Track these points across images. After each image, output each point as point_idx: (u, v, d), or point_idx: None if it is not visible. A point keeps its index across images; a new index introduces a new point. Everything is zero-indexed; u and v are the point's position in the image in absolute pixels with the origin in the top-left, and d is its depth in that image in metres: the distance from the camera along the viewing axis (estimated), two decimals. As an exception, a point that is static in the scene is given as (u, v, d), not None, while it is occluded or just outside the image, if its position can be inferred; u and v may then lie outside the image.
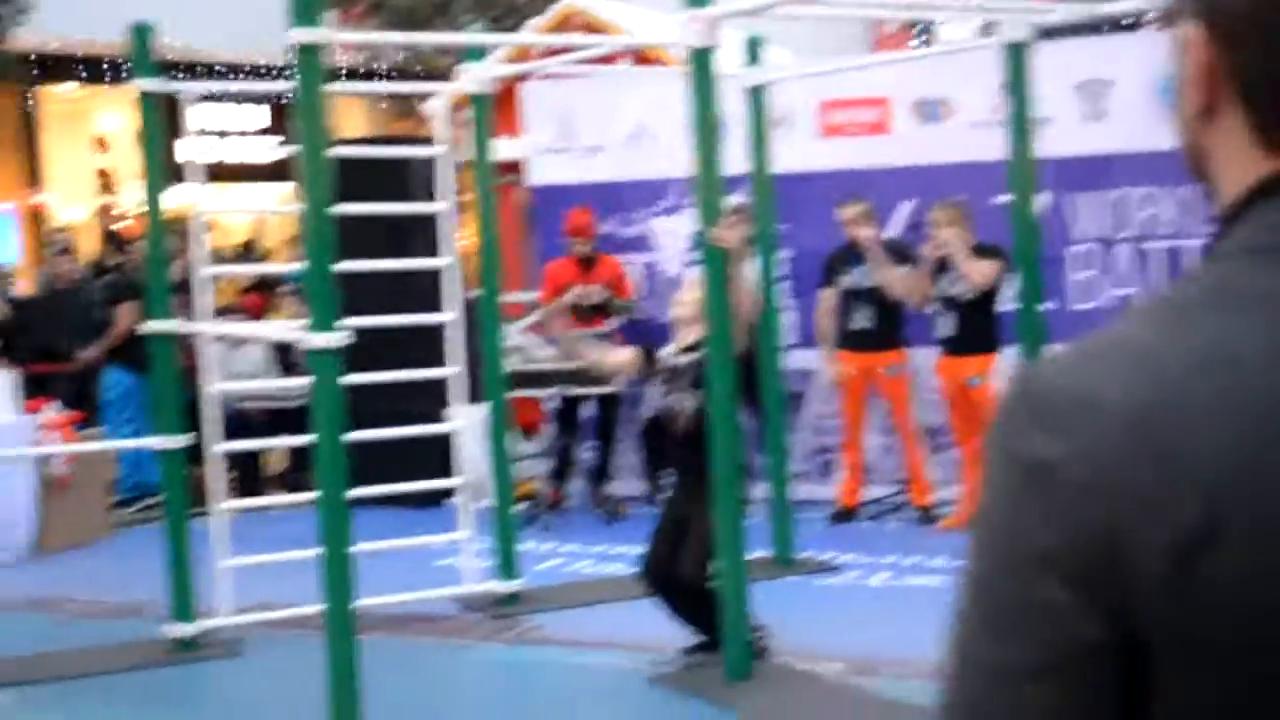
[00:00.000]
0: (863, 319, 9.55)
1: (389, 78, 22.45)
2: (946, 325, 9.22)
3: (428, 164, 9.88)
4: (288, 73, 19.25)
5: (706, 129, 6.32)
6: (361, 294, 9.11)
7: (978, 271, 8.94)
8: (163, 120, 7.08)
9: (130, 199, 21.74)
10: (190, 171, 7.36)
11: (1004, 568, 1.06)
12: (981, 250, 8.90)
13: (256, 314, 12.63)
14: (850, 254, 9.57)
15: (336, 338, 5.48)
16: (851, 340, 9.60)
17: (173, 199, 7.77)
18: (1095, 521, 1.03)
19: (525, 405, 10.42)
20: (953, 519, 9.38)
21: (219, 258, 16.47)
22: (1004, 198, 7.53)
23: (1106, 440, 1.03)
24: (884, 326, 9.54)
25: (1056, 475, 1.04)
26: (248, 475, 11.48)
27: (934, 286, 9.22)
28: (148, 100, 6.98)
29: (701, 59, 6.22)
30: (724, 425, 6.35)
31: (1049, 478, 1.04)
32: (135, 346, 11.14)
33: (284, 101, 21.22)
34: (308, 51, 5.42)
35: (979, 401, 9.07)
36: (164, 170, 7.18)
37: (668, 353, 6.92)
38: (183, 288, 11.97)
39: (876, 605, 7.81)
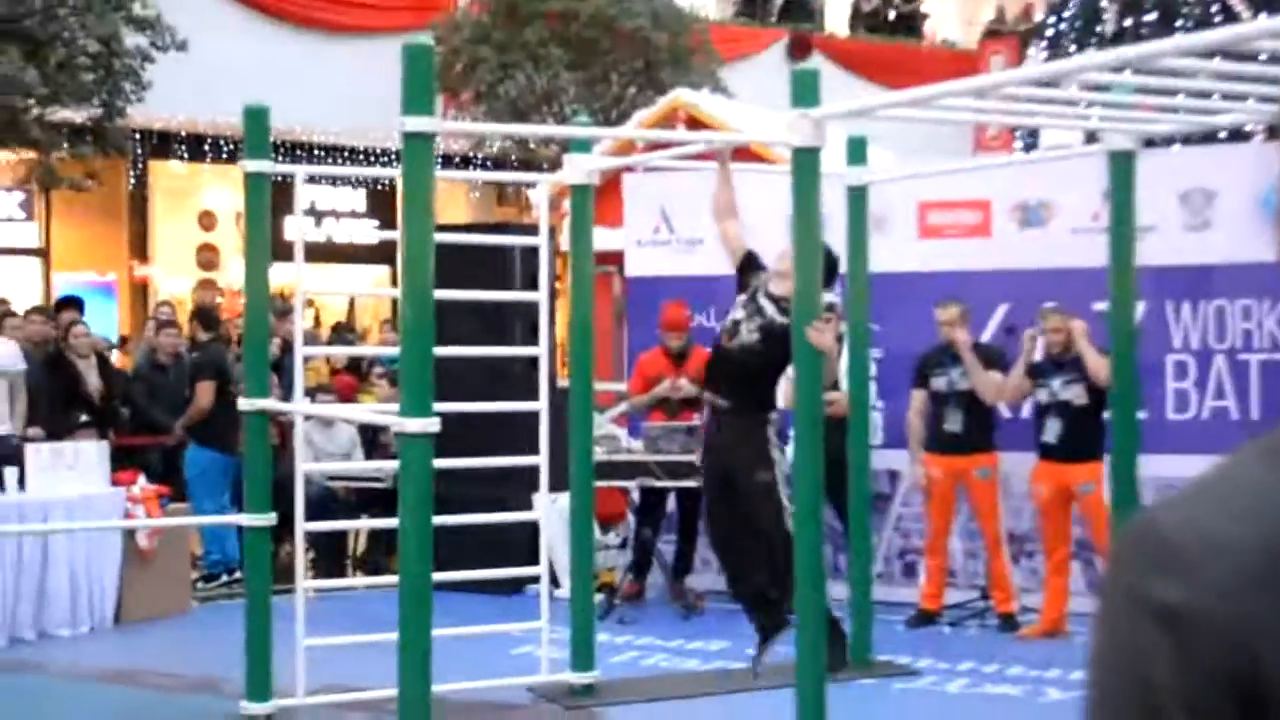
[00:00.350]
0: (954, 422, 9.47)
1: (491, 165, 22.66)
2: (1053, 430, 9.13)
3: (526, 252, 9.99)
4: (388, 157, 19.44)
5: (807, 226, 6.32)
6: (454, 378, 9.19)
7: (1104, 367, 8.91)
8: (268, 199, 7.17)
9: (232, 275, 22.09)
10: (295, 250, 7.45)
11: (1130, 715, 1.03)
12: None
13: (348, 395, 12.73)
14: (943, 355, 9.51)
15: (429, 423, 5.49)
16: (941, 443, 9.52)
17: (273, 277, 7.87)
18: (1233, 663, 0.99)
19: (609, 495, 10.40)
20: (1034, 628, 9.24)
21: (314, 338, 16.69)
22: (1102, 304, 7.47)
23: (1239, 580, 1.00)
24: (975, 429, 9.46)
25: (1184, 619, 1.01)
26: (331, 555, 11.53)
27: (1036, 390, 9.16)
28: (255, 180, 7.08)
29: (806, 158, 6.24)
30: (809, 524, 6.30)
31: (1177, 622, 1.02)
32: (216, 424, 11.28)
33: (384, 186, 21.56)
34: (417, 139, 5.48)
35: (1090, 508, 9.03)
36: (269, 248, 7.26)
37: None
38: (277, 366, 12.16)
39: (954, 712, 7.69)
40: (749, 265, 7.74)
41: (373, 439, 12.11)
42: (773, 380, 7.62)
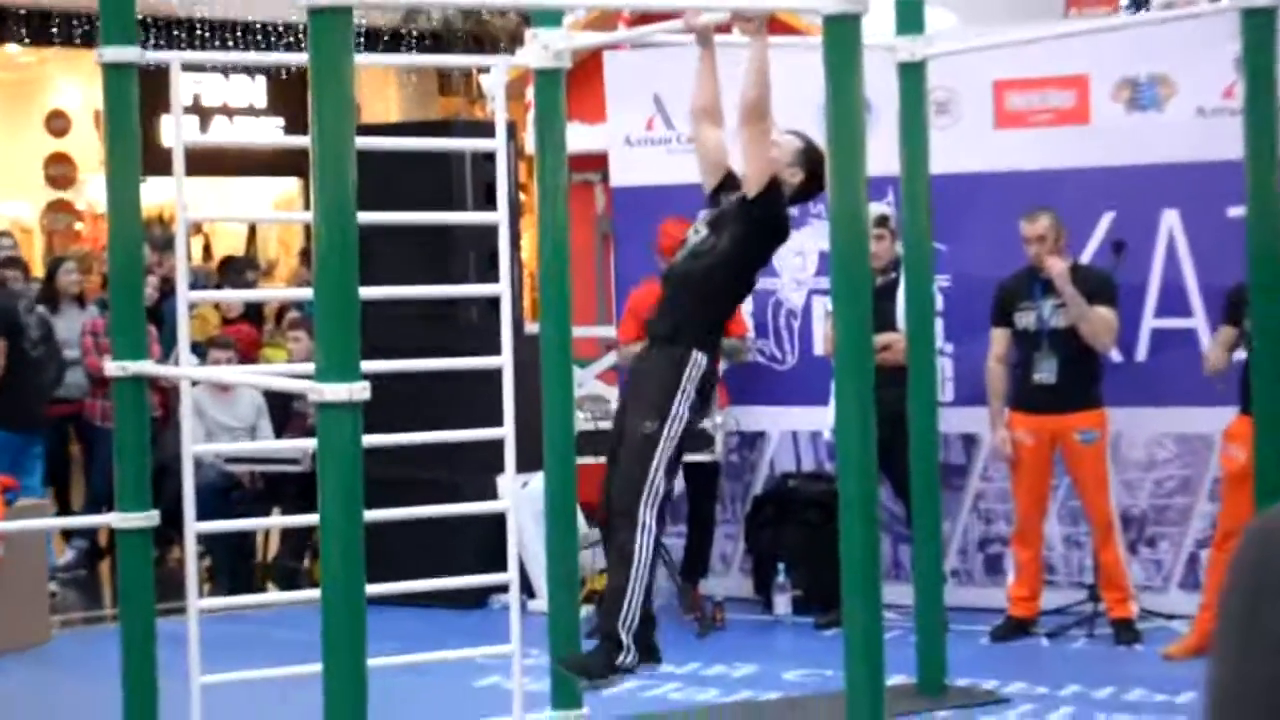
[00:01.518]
0: (1047, 370, 9.49)
1: (429, 43, 22.61)
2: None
3: (479, 158, 9.99)
4: (294, 35, 19.45)
5: (847, 116, 6.32)
6: (390, 328, 9.23)
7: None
8: (134, 94, 7.16)
9: (92, 194, 22.09)
10: (173, 161, 7.44)
11: None
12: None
13: (249, 352, 12.75)
14: (1031, 283, 9.54)
15: (356, 389, 5.50)
16: (1031, 398, 9.55)
17: (148, 196, 7.86)
18: None
19: (597, 475, 10.44)
20: (1181, 645, 9.22)
21: (204, 276, 16.70)
22: (1238, 209, 7.50)
23: None
24: (1076, 380, 9.48)
25: None
26: (234, 562, 11.58)
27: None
28: (117, 72, 7.06)
29: (843, 28, 6.24)
30: (860, 509, 6.33)
31: None
32: (4, 394, 11.32)
33: (290, 73, 21.52)
34: (327, 14, 5.47)
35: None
36: (138, 159, 7.25)
37: None
38: (155, 315, 12.19)
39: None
40: (729, 185, 7.56)
41: (285, 408, 12.15)
42: (716, 297, 7.31)
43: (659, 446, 7.09)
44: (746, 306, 10.70)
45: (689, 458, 10.00)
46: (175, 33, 21.15)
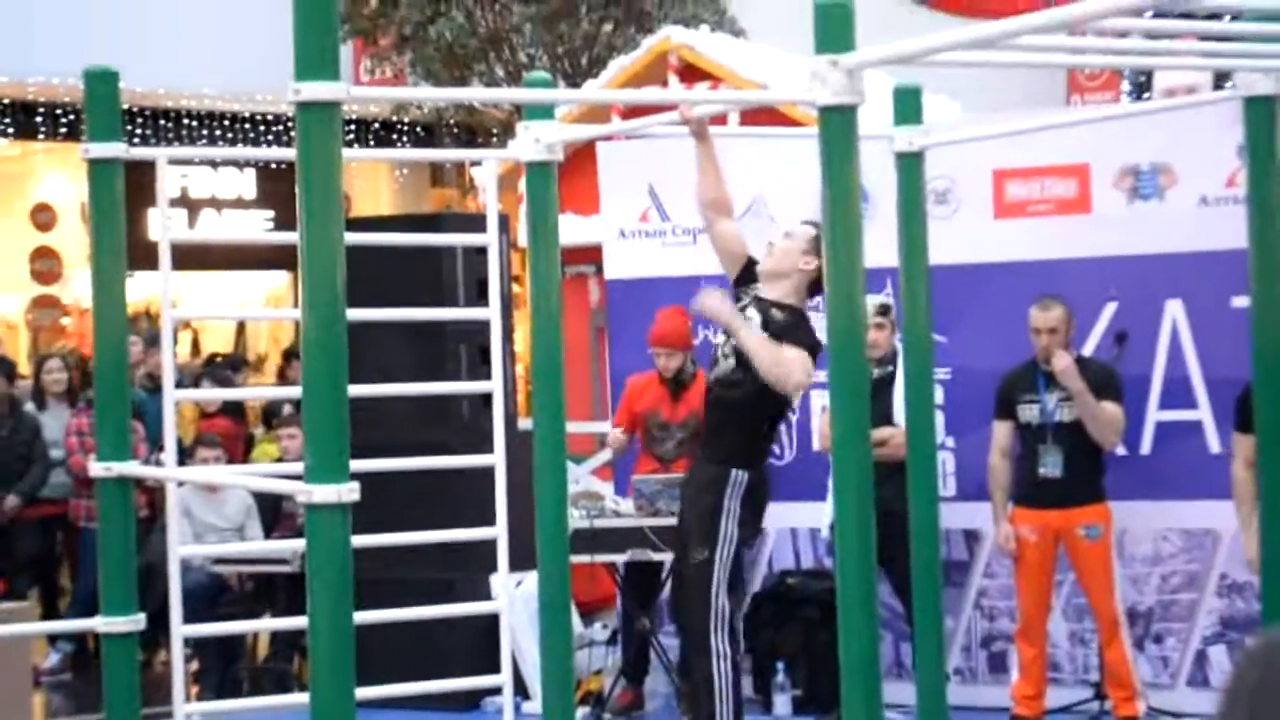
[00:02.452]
0: (1052, 465, 9.49)
1: (421, 135, 22.70)
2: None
3: (472, 252, 10.01)
4: (282, 126, 19.47)
5: (843, 207, 6.33)
6: (381, 426, 9.21)
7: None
8: (119, 189, 7.18)
9: (79, 289, 22.11)
10: (160, 255, 7.46)
11: None
12: None
13: (234, 447, 12.72)
14: (1034, 374, 9.54)
15: (344, 490, 5.49)
16: (1035, 493, 9.54)
17: (136, 291, 7.87)
18: None
19: (591, 574, 10.42)
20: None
21: (191, 373, 16.69)
22: (1243, 299, 7.50)
23: None
24: (1080, 474, 9.48)
25: None
26: (222, 665, 11.52)
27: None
28: (102, 168, 7.09)
29: (838, 119, 6.25)
30: (859, 607, 6.30)
31: None
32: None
33: (279, 166, 21.60)
34: (316, 110, 5.49)
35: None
36: (123, 254, 7.26)
37: None
38: (136, 412, 12.17)
39: None
40: (750, 276, 7.75)
41: (275, 508, 12.13)
42: (754, 420, 7.60)
43: (714, 571, 7.27)
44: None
45: (655, 556, 10.01)
46: (163, 124, 21.25)
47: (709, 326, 10.50)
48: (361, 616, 5.85)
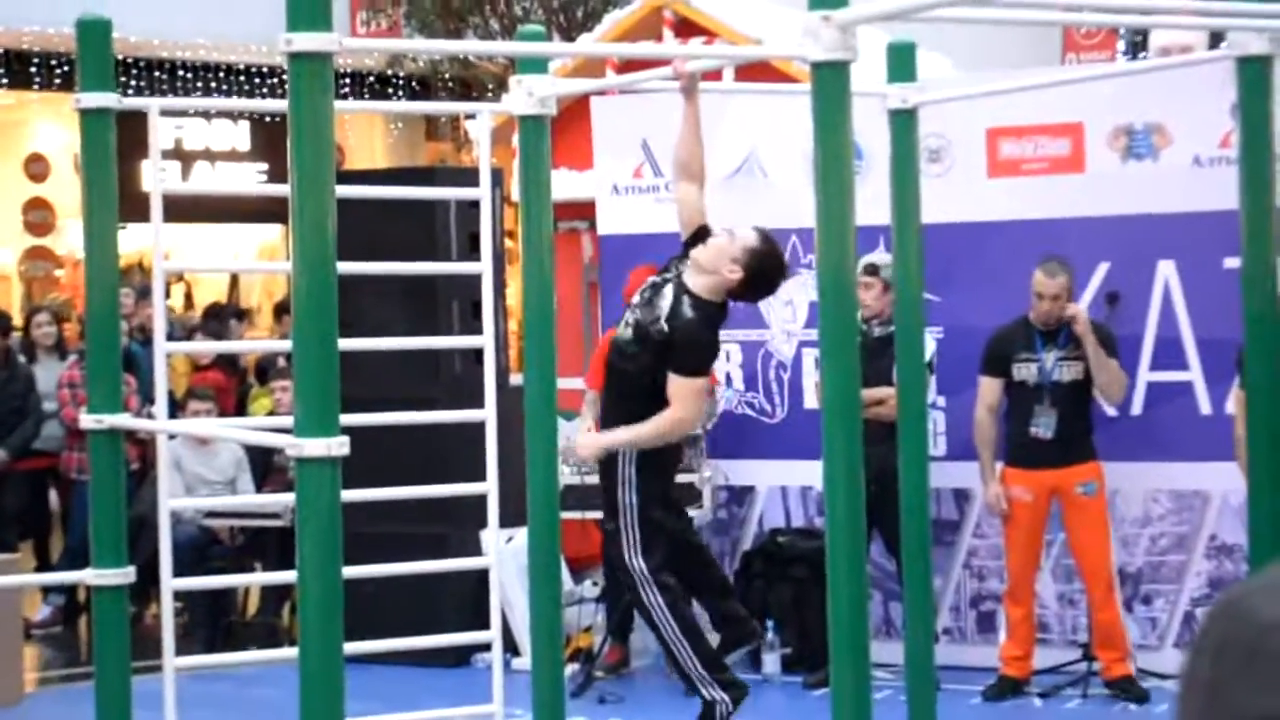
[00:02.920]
0: (1045, 424, 9.49)
1: (415, 89, 22.66)
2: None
3: (464, 206, 10.01)
4: (276, 78, 19.50)
5: (835, 164, 6.33)
6: (370, 380, 9.22)
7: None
8: (111, 140, 7.17)
9: (73, 240, 22.09)
10: (151, 206, 7.46)
11: None
12: None
13: (227, 402, 12.73)
14: (1029, 333, 9.54)
15: (334, 443, 5.50)
16: (1028, 452, 9.56)
17: (129, 242, 7.86)
18: None
19: (582, 530, 10.43)
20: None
21: (184, 325, 16.70)
22: (1235, 260, 7.50)
23: None
24: (1075, 433, 9.50)
25: None
26: (212, 619, 11.55)
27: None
28: (94, 118, 7.08)
29: (831, 75, 6.25)
30: (848, 566, 6.32)
31: None
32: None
33: (274, 118, 21.57)
34: (308, 60, 5.48)
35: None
36: (115, 205, 7.25)
37: None
38: (128, 363, 12.18)
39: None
40: (699, 241, 7.76)
41: (266, 460, 12.14)
42: (647, 393, 7.63)
43: (621, 539, 7.38)
44: (736, 359, 10.72)
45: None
46: (157, 74, 21.21)
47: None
48: (351, 571, 5.86)
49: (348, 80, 22.68)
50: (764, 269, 7.35)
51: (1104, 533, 9.60)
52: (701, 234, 7.65)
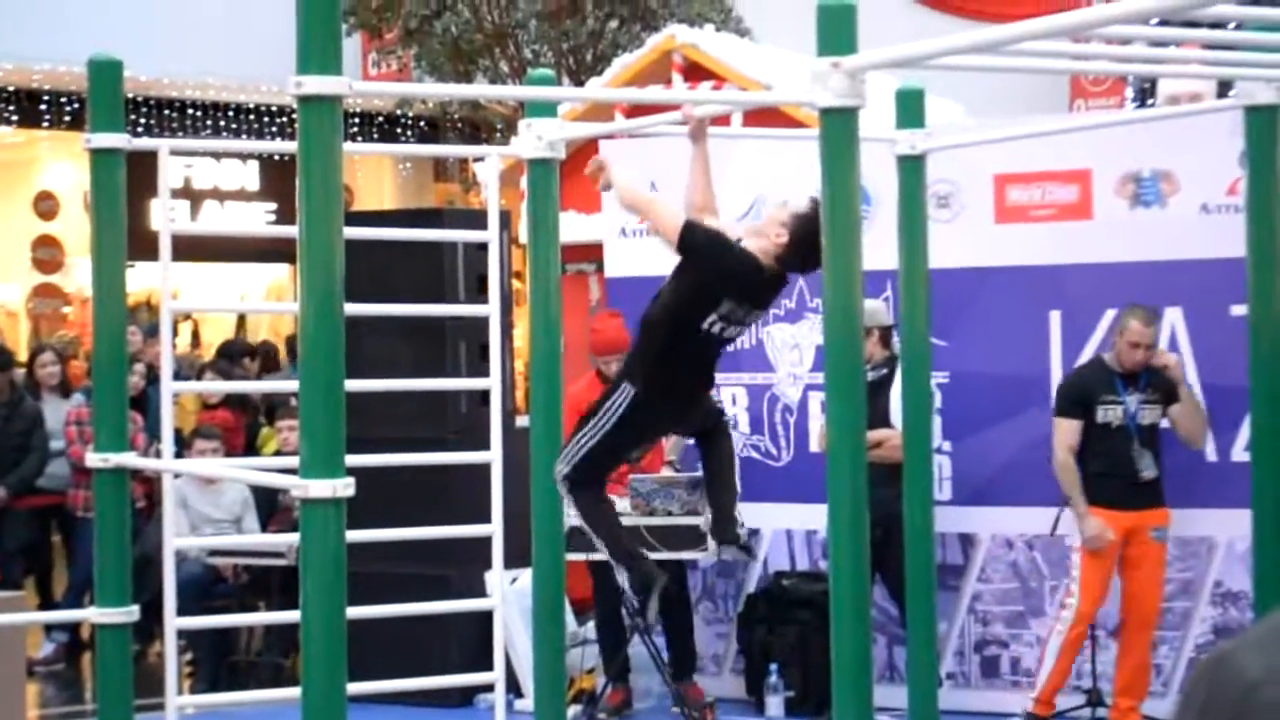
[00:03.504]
0: (1148, 465, 9.46)
1: (425, 130, 22.70)
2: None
3: (472, 249, 10.02)
4: (286, 117, 19.46)
5: (843, 209, 6.34)
6: (376, 420, 9.22)
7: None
8: (121, 180, 7.20)
9: (81, 278, 22.12)
10: (160, 245, 7.49)
11: None
12: None
13: (234, 441, 12.73)
14: (1112, 377, 9.45)
15: (340, 485, 5.50)
16: (1124, 495, 9.49)
17: (133, 281, 7.89)
18: None
19: (586, 572, 10.42)
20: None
21: (192, 364, 16.70)
22: (1241, 307, 7.51)
23: None
24: (1161, 477, 9.47)
25: None
26: (215, 657, 11.53)
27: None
28: (104, 158, 7.11)
29: (839, 121, 6.26)
30: (851, 609, 6.31)
31: None
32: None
33: (283, 158, 21.60)
34: (317, 104, 5.50)
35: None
36: (124, 244, 7.27)
37: None
38: (138, 403, 12.19)
39: None
40: None
41: (272, 499, 12.14)
42: (655, 337, 7.51)
43: (575, 443, 7.29)
44: (742, 402, 10.71)
45: (678, 555, 10.02)
46: (166, 114, 21.26)
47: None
48: (355, 611, 5.86)
49: (357, 120, 22.75)
50: (808, 234, 7.23)
51: (1162, 578, 9.59)
52: None
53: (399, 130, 23.17)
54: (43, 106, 21.02)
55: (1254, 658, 1.08)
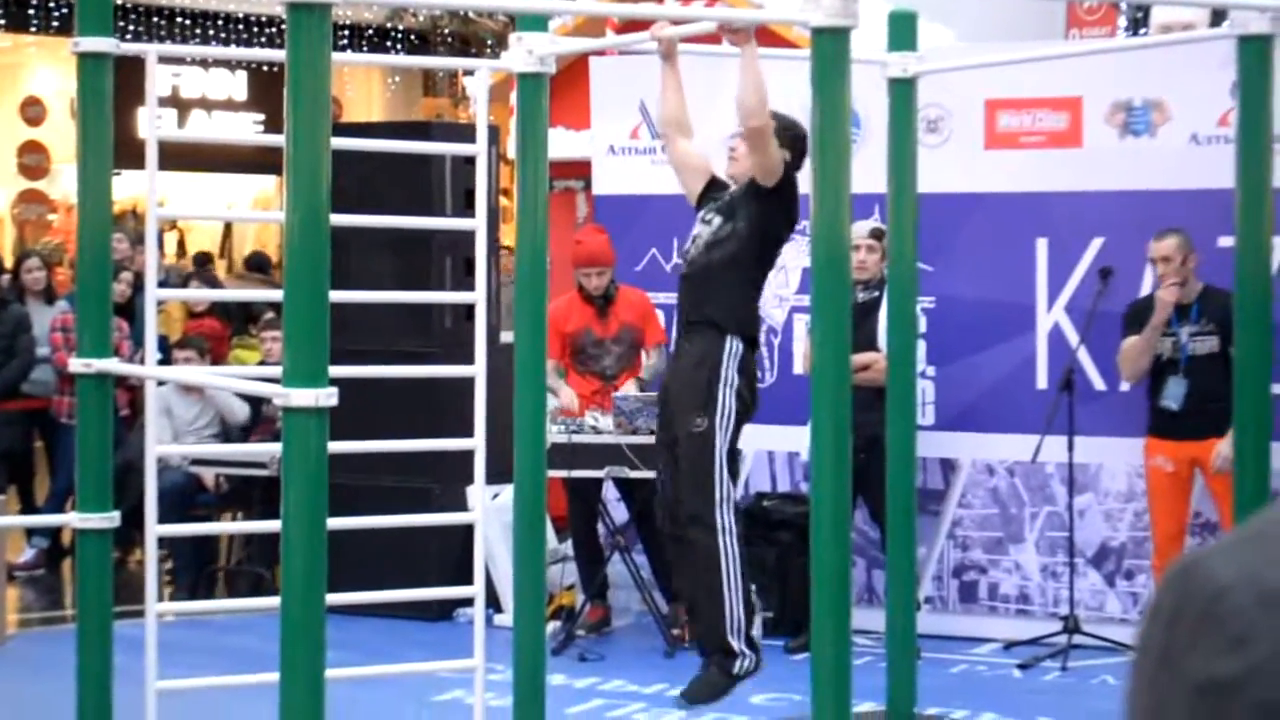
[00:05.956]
0: (1173, 397, 9.44)
1: (414, 42, 22.64)
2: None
3: (460, 162, 10.01)
4: (275, 28, 19.51)
5: (833, 131, 6.33)
6: (360, 333, 9.23)
7: None
8: (108, 86, 7.16)
9: (67, 184, 22.06)
10: (146, 154, 7.45)
11: None
12: None
13: (218, 349, 12.73)
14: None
15: (323, 394, 5.50)
16: (1165, 423, 9.50)
17: (123, 189, 7.86)
18: None
19: (567, 490, 10.44)
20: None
21: (177, 273, 16.69)
22: (1229, 239, 7.50)
23: None
24: (1211, 406, 9.40)
25: (1244, 696, 1.05)
26: (195, 566, 11.57)
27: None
28: (91, 63, 7.07)
29: (831, 42, 6.24)
30: (831, 531, 6.33)
31: (1233, 700, 1.05)
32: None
33: (272, 68, 21.53)
34: (305, 10, 5.48)
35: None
36: (110, 151, 7.25)
37: None
38: (127, 310, 12.19)
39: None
40: (711, 192, 7.77)
41: (255, 409, 12.14)
42: (748, 273, 7.53)
43: (715, 442, 7.20)
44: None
45: (632, 474, 10.05)
46: (155, 21, 21.15)
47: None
48: (336, 523, 5.87)
49: (346, 32, 22.65)
50: (797, 138, 7.32)
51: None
52: (713, 184, 7.68)
53: (389, 43, 23.09)
54: (30, 10, 20.91)
55: (1225, 562, 1.08)
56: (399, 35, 23.01)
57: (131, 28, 20.43)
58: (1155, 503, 9.62)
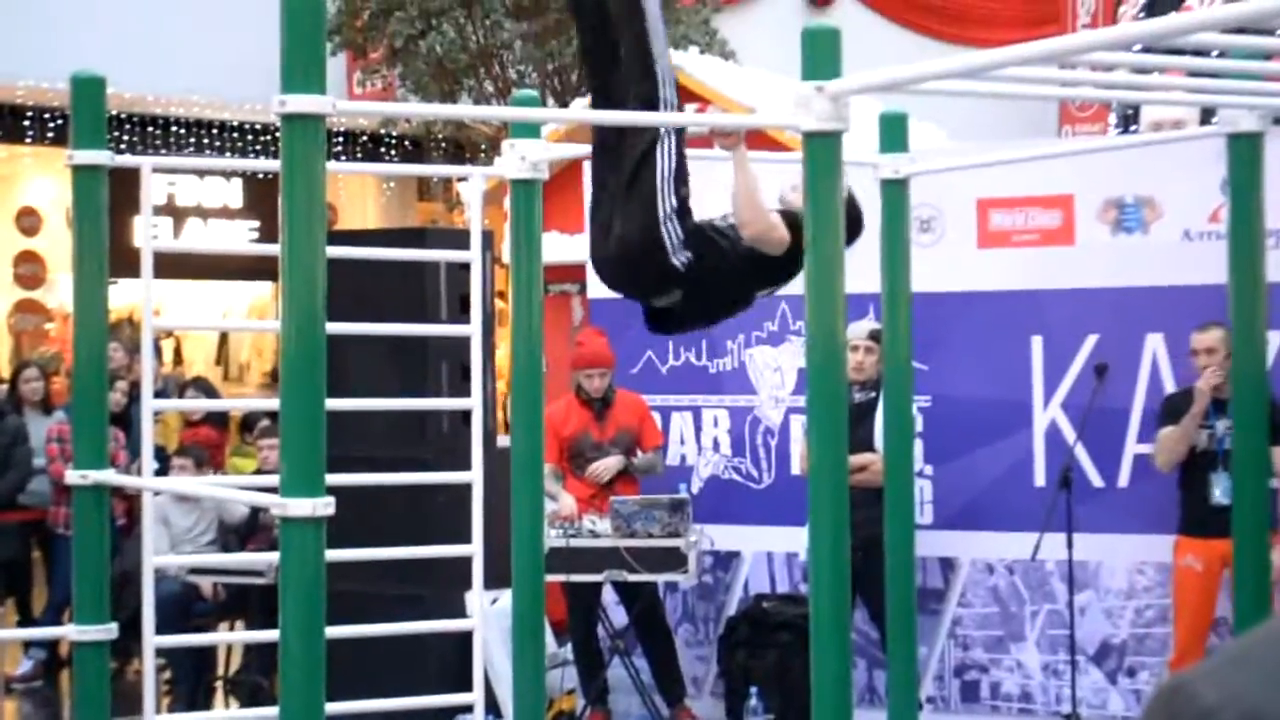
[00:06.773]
0: (1223, 491, 9.20)
1: (409, 149, 22.72)
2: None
3: (455, 268, 10.02)
4: (270, 135, 19.48)
5: (826, 232, 6.35)
6: (357, 439, 9.21)
7: None
8: (103, 198, 7.18)
9: (64, 294, 22.09)
10: (142, 263, 7.47)
11: None
12: None
13: (215, 458, 12.71)
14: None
15: (319, 504, 5.49)
16: (1206, 521, 9.33)
17: (116, 297, 7.87)
18: None
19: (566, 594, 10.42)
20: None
21: (174, 381, 16.68)
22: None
23: None
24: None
25: None
26: (194, 676, 11.50)
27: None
28: (86, 175, 7.09)
29: (823, 145, 6.27)
30: (831, 632, 6.31)
31: None
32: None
33: (267, 176, 21.60)
34: (300, 122, 5.50)
35: None
36: (105, 260, 7.26)
37: None
38: (122, 419, 12.18)
39: None
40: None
41: (252, 518, 12.12)
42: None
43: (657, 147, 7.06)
44: (724, 424, 10.71)
45: (658, 577, 10.03)
46: (150, 131, 21.24)
47: (692, 349, 10.51)
48: (334, 631, 5.85)
49: (341, 139, 22.75)
50: (795, 226, 7.25)
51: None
52: None
53: (383, 149, 23.18)
54: (26, 122, 21.00)
55: (1210, 685, 1.08)
56: (393, 141, 23.10)
57: (126, 138, 20.53)
58: (1182, 601, 9.56)
